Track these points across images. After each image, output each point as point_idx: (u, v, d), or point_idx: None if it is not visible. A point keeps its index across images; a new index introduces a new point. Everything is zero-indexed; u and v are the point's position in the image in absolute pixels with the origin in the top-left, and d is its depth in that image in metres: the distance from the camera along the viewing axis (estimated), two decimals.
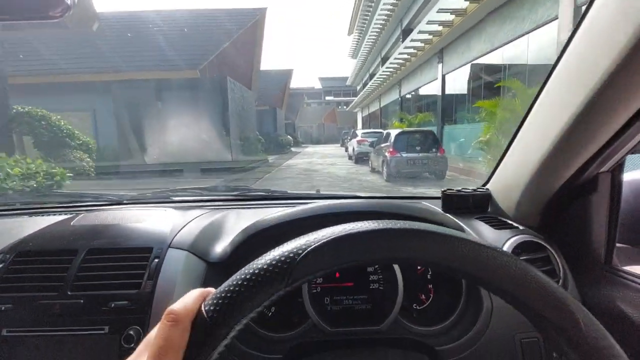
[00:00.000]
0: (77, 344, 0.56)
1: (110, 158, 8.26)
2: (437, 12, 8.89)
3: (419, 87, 14.05)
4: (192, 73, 9.34)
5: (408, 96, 16.15)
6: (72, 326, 0.57)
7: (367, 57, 24.42)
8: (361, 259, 0.29)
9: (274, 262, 0.28)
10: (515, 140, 0.72)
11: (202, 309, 0.27)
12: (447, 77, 11.04)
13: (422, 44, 11.04)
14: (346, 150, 14.19)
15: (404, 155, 6.48)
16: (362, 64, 26.89)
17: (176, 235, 0.69)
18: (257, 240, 0.65)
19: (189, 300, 0.27)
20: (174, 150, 9.26)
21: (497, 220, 0.78)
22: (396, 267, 0.69)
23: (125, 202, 1.00)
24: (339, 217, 0.66)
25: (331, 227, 0.30)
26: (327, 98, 43.46)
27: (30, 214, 0.94)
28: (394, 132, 7.15)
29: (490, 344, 0.60)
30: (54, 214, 0.92)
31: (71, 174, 3.90)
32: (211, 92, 10.41)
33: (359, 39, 25.03)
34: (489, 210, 0.86)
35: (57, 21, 0.40)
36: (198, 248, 0.67)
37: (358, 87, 33.39)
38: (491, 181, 0.86)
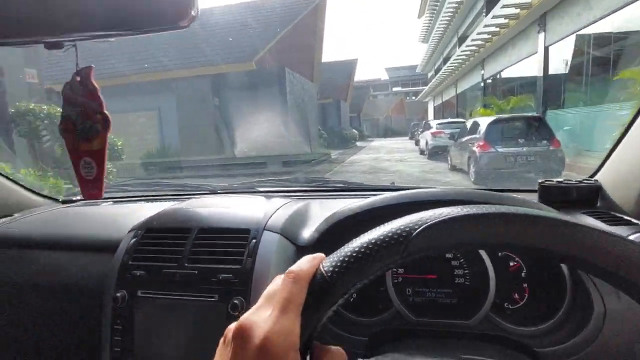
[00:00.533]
0: (193, 307, 0.66)
1: (172, 154, 8.64)
2: None
3: (509, 66, 11.70)
4: (248, 65, 9.04)
5: (491, 79, 13.83)
6: (189, 292, 0.66)
7: (440, 39, 22.20)
8: (477, 242, 0.30)
9: (390, 234, 0.30)
10: (635, 125, 0.71)
11: (322, 269, 0.30)
12: (551, 49, 8.78)
13: (517, 10, 8.93)
14: (417, 144, 12.86)
15: (500, 149, 4.97)
16: (435, 48, 24.66)
17: (269, 219, 0.74)
18: (340, 227, 0.69)
19: (306, 262, 0.31)
20: (232, 145, 9.35)
21: (609, 216, 0.71)
22: (488, 262, 0.66)
23: (219, 191, 1.14)
24: (425, 206, 0.50)
25: (448, 207, 0.30)
26: (395, 89, 40.80)
27: (147, 201, 1.13)
28: (484, 121, 5.60)
29: (602, 352, 0.56)
30: (165, 201, 1.08)
31: None
32: (268, 85, 9.92)
33: (430, 20, 22.91)
34: (598, 204, 0.78)
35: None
36: (288, 232, 0.73)
37: (429, 75, 30.90)
38: (601, 172, 0.81)
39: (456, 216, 0.29)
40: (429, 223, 0.29)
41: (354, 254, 0.30)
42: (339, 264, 0.30)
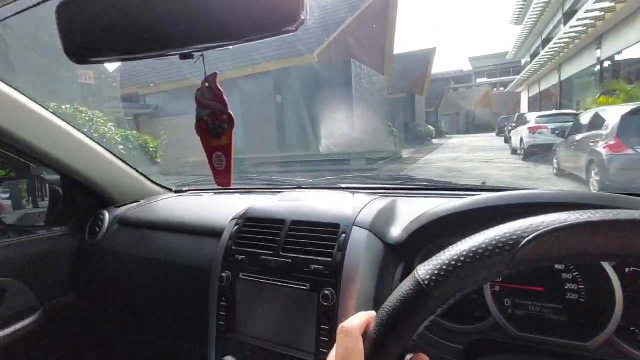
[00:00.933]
0: (287, 293, 0.71)
1: (238, 152, 8.82)
2: None
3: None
4: (310, 59, 8.81)
5: (610, 61, 11.05)
6: (284, 279, 0.72)
7: (538, 18, 19.14)
8: (600, 254, 0.27)
9: (495, 241, 0.27)
10: None
11: (417, 276, 0.29)
12: None
13: None
14: (507, 141, 11.03)
15: None
16: (531, 29, 21.30)
17: (357, 215, 0.75)
18: (432, 228, 0.68)
19: (357, 317, 0.34)
20: (294, 142, 9.37)
21: None
22: (614, 277, 0.57)
23: (303, 187, 1.19)
24: (532, 210, 0.49)
25: (563, 213, 0.28)
26: (479, 80, 36.71)
27: (241, 193, 1.23)
28: (614, 112, 4.23)
29: None
30: (257, 194, 1.18)
31: None
32: (332, 78, 9.58)
33: None
34: None
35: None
36: (377, 229, 0.73)
37: (523, 61, 26.79)
38: None
39: (575, 223, 0.26)
40: (540, 231, 0.26)
41: (454, 262, 0.28)
42: (437, 272, 0.28)
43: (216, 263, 0.81)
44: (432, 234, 0.67)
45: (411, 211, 0.77)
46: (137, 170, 1.26)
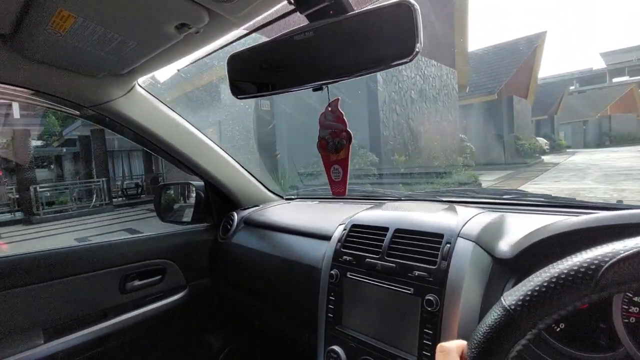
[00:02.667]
0: (391, 295, 0.75)
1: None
2: None
3: None
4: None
5: None
6: (389, 282, 0.75)
7: None
8: None
9: (577, 266, 0.28)
10: None
11: (504, 303, 0.31)
12: None
13: None
14: None
15: None
16: None
17: (463, 227, 0.75)
18: (546, 246, 0.65)
19: (454, 342, 0.37)
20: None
21: None
22: None
23: (403, 198, 1.23)
24: None
25: None
26: (617, 80, 29.35)
27: (345, 202, 1.33)
28: None
29: None
30: (358, 203, 1.28)
31: None
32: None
33: None
34: None
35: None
36: (484, 241, 0.72)
37: None
38: None
39: None
40: (622, 255, 0.26)
41: (539, 288, 0.29)
42: (522, 298, 0.29)
43: (326, 262, 0.89)
44: (548, 252, 0.63)
45: (522, 227, 0.74)
46: (257, 179, 1.49)
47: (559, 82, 22.12)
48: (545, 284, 0.29)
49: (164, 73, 0.99)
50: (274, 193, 1.55)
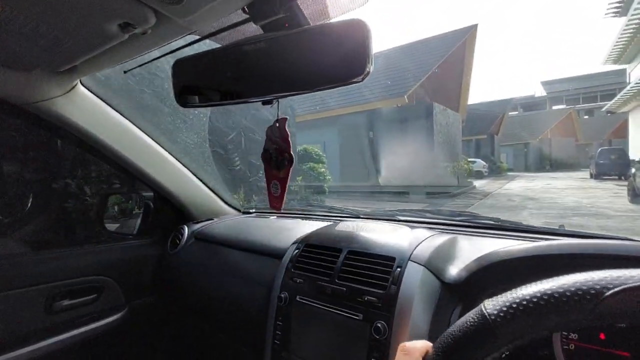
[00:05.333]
0: (340, 320, 0.73)
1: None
2: None
3: None
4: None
5: None
6: (339, 307, 0.74)
7: None
8: None
9: (575, 287, 0.26)
10: None
11: (484, 310, 0.29)
12: None
13: None
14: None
15: None
16: None
17: (414, 250, 0.76)
18: (494, 271, 0.65)
19: (417, 342, 0.35)
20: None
21: None
22: None
23: (361, 216, 1.21)
24: (613, 263, 0.55)
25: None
26: (556, 108, 32.00)
27: (302, 218, 1.31)
28: None
29: None
30: (316, 220, 1.24)
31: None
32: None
33: None
34: None
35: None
36: (433, 265, 0.72)
37: (629, 70, 17.99)
38: None
39: None
40: (631, 285, 0.24)
41: (526, 301, 0.27)
42: (505, 308, 0.27)
43: (276, 282, 0.87)
44: (496, 277, 0.64)
45: (473, 250, 0.75)
46: (213, 191, 1.41)
47: (501, 102, 21.92)
48: (534, 298, 0.27)
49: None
50: (230, 206, 1.49)
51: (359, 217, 1.21)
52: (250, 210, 1.50)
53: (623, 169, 11.95)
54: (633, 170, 6.87)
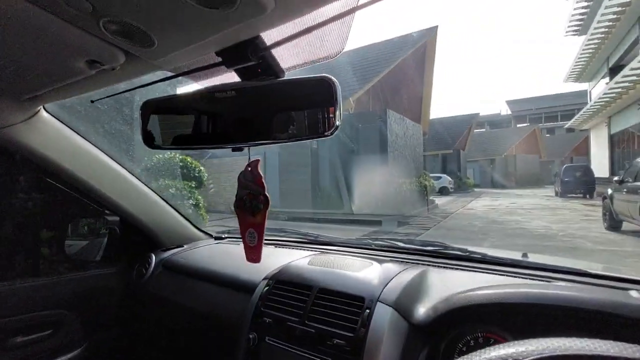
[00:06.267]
0: None
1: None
2: None
3: None
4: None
5: None
6: (306, 350, 0.74)
7: (615, 21, 13.47)
8: None
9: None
10: None
11: None
12: None
13: None
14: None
15: None
16: (602, 39, 15.44)
17: (383, 290, 0.76)
18: (460, 313, 0.67)
19: None
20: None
21: None
22: None
23: (336, 244, 1.22)
24: (554, 310, 0.59)
25: (558, 340, 0.29)
26: (520, 126, 33.89)
27: (276, 245, 1.28)
28: None
29: None
30: (290, 248, 1.23)
31: None
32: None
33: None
34: None
35: None
36: (402, 307, 0.73)
37: (589, 87, 19.41)
38: None
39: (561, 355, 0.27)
40: (535, 357, 0.27)
41: None
42: None
43: (245, 322, 0.84)
44: (461, 319, 0.67)
45: (441, 287, 0.77)
46: (184, 216, 1.35)
47: (467, 116, 21.74)
48: None
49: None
50: (202, 231, 1.44)
51: (333, 245, 1.20)
52: (223, 236, 1.44)
53: (588, 188, 11.98)
54: (609, 191, 5.94)
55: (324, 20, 0.50)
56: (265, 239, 1.37)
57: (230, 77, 0.61)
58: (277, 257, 1.06)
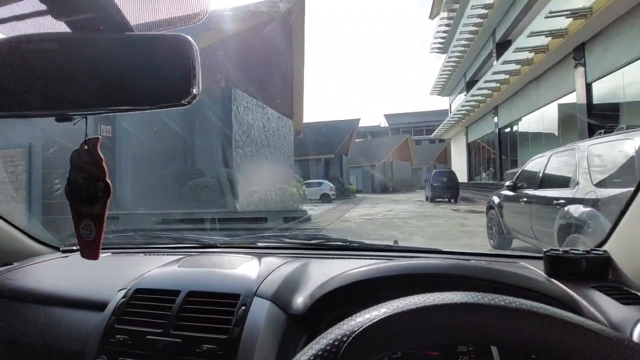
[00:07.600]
0: None
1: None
2: None
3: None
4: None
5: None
6: None
7: (474, 39, 15.30)
8: (417, 344, 0.29)
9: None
10: None
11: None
12: None
13: None
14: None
15: None
16: (459, 57, 17.53)
17: (261, 284, 0.74)
18: (335, 295, 0.70)
19: None
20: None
21: (622, 292, 0.67)
22: (496, 354, 0.61)
23: (219, 245, 1.15)
24: (415, 278, 0.68)
25: (377, 307, 0.31)
26: (395, 137, 38.68)
27: (145, 253, 1.15)
28: None
29: None
30: (162, 254, 1.10)
31: None
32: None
33: (450, 20, 17.44)
34: (610, 277, 0.75)
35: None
36: (280, 299, 0.72)
37: (451, 101, 22.50)
38: (610, 242, 0.79)
39: (384, 318, 0.28)
40: (357, 331, 0.28)
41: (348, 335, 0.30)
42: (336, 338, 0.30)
43: (91, 346, 0.71)
44: (337, 301, 0.70)
45: (321, 276, 0.77)
46: (13, 225, 1.07)
47: (348, 121, 21.62)
48: (358, 328, 0.29)
49: None
50: (45, 244, 1.17)
51: (216, 247, 1.14)
52: (73, 248, 1.18)
53: (453, 193, 13.23)
54: (496, 199, 4.82)
55: None
56: (131, 247, 1.22)
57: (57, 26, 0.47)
58: (143, 265, 0.94)
